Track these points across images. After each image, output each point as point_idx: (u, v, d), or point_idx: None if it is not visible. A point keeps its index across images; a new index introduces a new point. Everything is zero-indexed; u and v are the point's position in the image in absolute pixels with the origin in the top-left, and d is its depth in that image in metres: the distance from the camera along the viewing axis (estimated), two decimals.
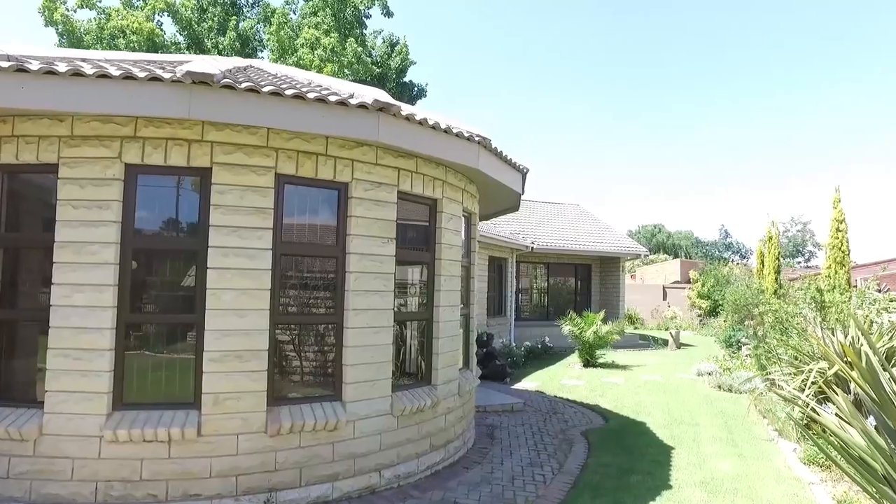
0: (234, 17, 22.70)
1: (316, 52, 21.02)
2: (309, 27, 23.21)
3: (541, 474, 5.16)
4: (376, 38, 30.09)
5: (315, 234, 4.73)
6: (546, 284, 19.13)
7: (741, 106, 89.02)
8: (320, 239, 4.71)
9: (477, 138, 5.20)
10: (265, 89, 3.80)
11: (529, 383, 10.10)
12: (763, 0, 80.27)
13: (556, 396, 8.97)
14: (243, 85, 3.74)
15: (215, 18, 22.63)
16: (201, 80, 3.60)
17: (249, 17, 24.72)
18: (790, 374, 6.40)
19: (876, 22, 72.93)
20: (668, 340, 17.40)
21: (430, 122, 4.60)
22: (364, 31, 28.74)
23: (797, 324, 6.95)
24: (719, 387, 9.89)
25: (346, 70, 22.16)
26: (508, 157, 6.01)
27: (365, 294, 4.59)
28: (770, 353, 7.49)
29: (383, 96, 4.73)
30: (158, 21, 21.17)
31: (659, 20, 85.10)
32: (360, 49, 26.43)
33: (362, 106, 4.13)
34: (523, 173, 6.73)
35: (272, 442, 4.07)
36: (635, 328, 24.73)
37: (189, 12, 21.29)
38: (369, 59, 27.84)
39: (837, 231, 10.55)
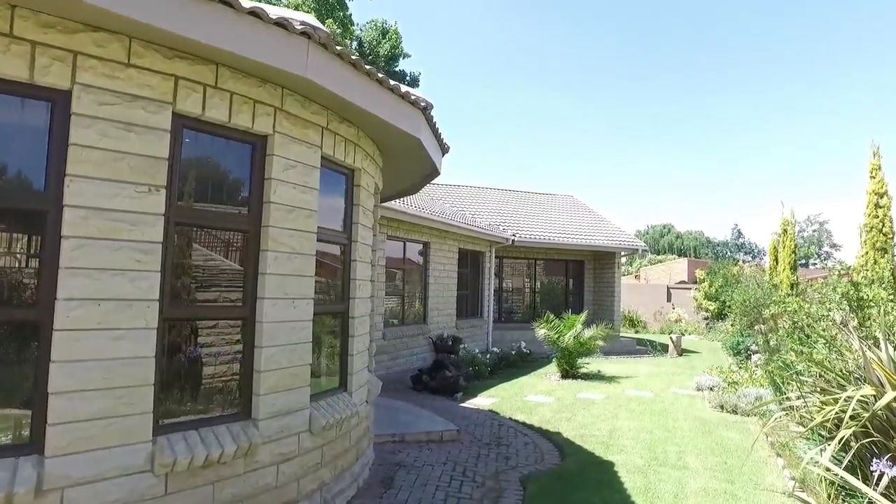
0: None
1: None
2: (287, 6, 21.56)
3: None
4: (373, 28, 28.42)
5: (220, 197, 3.40)
6: (532, 283, 17.20)
7: (756, 97, 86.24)
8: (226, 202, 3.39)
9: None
10: None
11: (485, 399, 8.22)
12: None
13: (510, 419, 7.08)
14: None
15: None
16: None
17: None
18: (816, 402, 4.47)
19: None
20: (668, 346, 15.40)
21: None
22: (347, 13, 27.06)
23: (823, 330, 5.01)
24: (721, 407, 7.93)
25: None
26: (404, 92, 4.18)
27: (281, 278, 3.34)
28: (787, 368, 5.57)
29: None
30: None
31: (667, 16, 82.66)
32: (338, 31, 24.73)
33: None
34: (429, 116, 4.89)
35: (160, 484, 2.80)
36: (636, 332, 22.70)
37: None
38: (352, 43, 26.11)
39: (877, 207, 8.11)
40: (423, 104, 4.08)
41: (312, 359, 3.87)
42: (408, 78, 31.16)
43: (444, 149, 5.19)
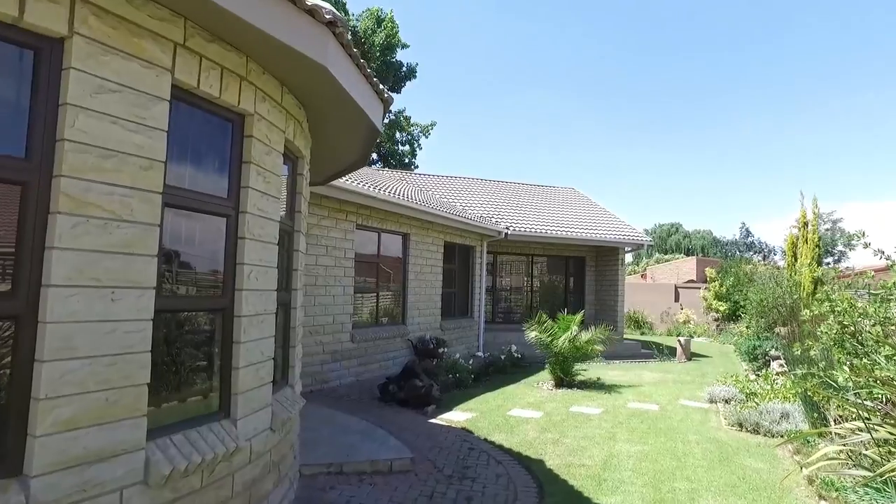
0: None
1: None
2: None
3: None
4: (369, 16, 27.34)
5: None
6: (529, 281, 15.95)
7: (762, 98, 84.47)
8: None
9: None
10: None
11: (460, 414, 7.01)
12: None
13: (485, 440, 5.87)
14: None
15: None
16: None
17: None
18: (884, 434, 3.23)
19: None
20: (676, 349, 14.12)
21: None
22: (340, 0, 25.91)
23: (891, 337, 3.73)
24: (740, 425, 6.68)
25: None
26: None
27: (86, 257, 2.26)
28: (832, 388, 4.31)
29: None
30: None
31: (675, 13, 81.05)
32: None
33: None
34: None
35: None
36: (641, 333, 21.42)
37: None
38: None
39: None
40: (328, 16, 2.89)
41: (166, 374, 2.72)
42: (404, 69, 30.04)
43: (380, 95, 3.98)
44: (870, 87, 76.06)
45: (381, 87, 3.93)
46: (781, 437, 6.21)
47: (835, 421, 5.28)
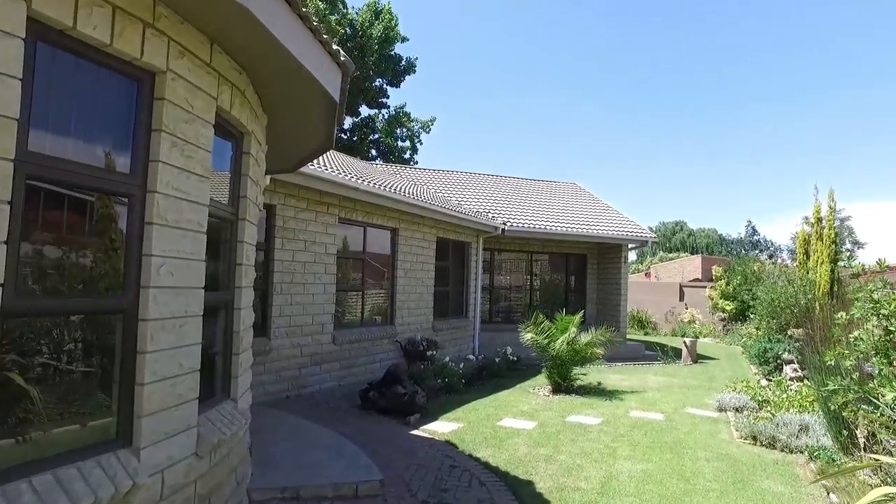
0: None
1: None
2: None
3: None
4: (367, 8, 26.73)
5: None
6: (529, 280, 15.32)
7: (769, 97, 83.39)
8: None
9: None
10: None
11: (446, 424, 6.40)
12: None
13: (470, 455, 5.26)
14: None
15: None
16: None
17: None
18: None
19: None
20: (681, 351, 13.48)
21: None
22: None
23: None
24: (754, 438, 6.05)
25: None
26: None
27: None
28: (869, 401, 3.67)
29: None
30: None
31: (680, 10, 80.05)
32: (322, 5, 23.01)
33: None
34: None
35: None
36: (645, 333, 20.76)
37: None
38: (334, 18, 24.38)
39: None
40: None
41: (38, 397, 2.14)
42: (403, 63, 29.38)
43: (335, 58, 3.36)
44: (883, 83, 74.96)
45: (336, 48, 3.31)
46: (801, 452, 5.60)
47: (865, 439, 4.66)
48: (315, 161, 7.92)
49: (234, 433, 3.28)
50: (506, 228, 12.70)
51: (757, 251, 56.67)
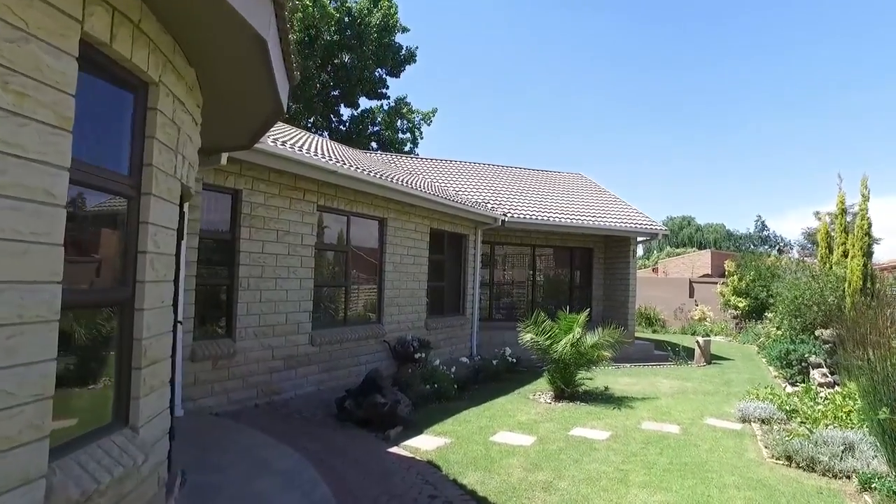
0: None
1: None
2: None
3: None
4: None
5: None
6: (532, 275, 14.46)
7: (777, 90, 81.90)
8: None
9: None
10: None
11: (432, 440, 5.58)
12: None
13: (455, 481, 4.44)
14: None
15: None
16: None
17: None
18: None
19: None
20: (694, 350, 12.60)
21: None
22: None
23: None
24: (789, 458, 5.20)
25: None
26: None
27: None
28: None
29: None
30: None
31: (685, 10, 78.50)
32: None
33: None
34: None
35: None
36: (654, 331, 19.88)
37: None
38: (331, 4, 23.53)
39: None
40: None
41: None
42: (402, 53, 28.46)
43: None
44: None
45: None
46: (847, 477, 4.75)
47: None
48: (295, 144, 7.11)
49: (125, 474, 2.47)
50: (506, 219, 11.83)
51: (766, 246, 55.49)
